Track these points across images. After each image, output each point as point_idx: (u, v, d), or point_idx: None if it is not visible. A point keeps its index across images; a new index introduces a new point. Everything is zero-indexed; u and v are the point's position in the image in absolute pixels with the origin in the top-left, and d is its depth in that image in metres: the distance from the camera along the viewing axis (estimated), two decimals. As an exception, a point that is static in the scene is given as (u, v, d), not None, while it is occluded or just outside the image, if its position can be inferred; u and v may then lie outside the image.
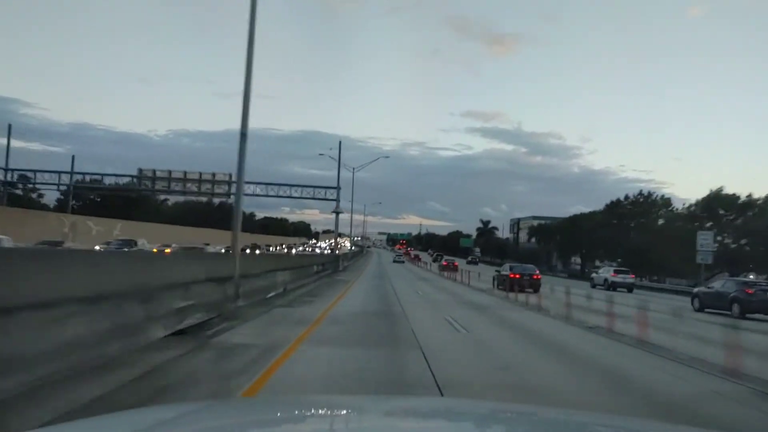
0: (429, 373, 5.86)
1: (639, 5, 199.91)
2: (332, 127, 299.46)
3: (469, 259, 73.27)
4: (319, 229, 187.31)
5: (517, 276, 21.76)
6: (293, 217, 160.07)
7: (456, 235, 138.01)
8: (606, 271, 34.50)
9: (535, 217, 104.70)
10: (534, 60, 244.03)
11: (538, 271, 24.96)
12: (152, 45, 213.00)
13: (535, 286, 20.93)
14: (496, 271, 27.48)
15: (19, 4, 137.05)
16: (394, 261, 65.26)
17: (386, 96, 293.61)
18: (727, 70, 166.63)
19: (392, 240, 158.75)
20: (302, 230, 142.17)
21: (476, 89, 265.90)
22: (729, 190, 44.45)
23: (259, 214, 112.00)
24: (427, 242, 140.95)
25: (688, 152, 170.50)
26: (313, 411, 1.96)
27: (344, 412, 1.98)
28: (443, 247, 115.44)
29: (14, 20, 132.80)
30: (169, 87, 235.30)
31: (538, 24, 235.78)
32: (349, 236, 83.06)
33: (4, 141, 44.66)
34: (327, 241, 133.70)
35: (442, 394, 4.96)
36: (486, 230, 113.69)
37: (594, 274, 36.33)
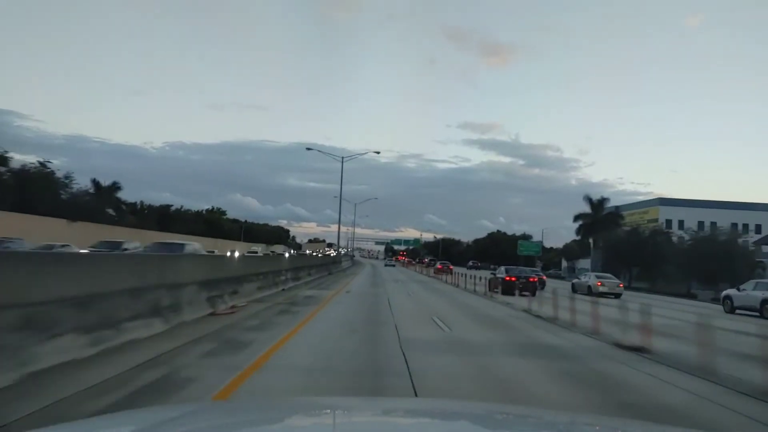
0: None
1: (636, 16, 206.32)
2: (329, 138, 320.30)
3: (470, 264, 79.06)
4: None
5: (513, 278, 23.83)
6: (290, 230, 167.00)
7: (501, 238, 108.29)
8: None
9: (662, 200, 69.09)
10: (531, 71, 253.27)
11: (535, 275, 28.21)
12: (145, 56, 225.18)
13: (531, 289, 21.55)
14: (492, 273, 29.09)
15: (14, 16, 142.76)
16: (386, 265, 77.91)
17: (382, 107, 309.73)
18: (725, 80, 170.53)
19: (392, 251, 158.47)
20: (278, 237, 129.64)
21: (473, 100, 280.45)
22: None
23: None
24: (444, 250, 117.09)
25: (686, 165, 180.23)
26: (307, 413, 2.13)
27: (333, 413, 2.15)
28: (481, 256, 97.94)
29: (8, 32, 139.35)
30: (163, 98, 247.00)
31: (534, 34, 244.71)
32: (341, 246, 78.44)
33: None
34: (315, 250, 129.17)
35: None
36: (601, 218, 61.77)
37: (732, 291, 23.42)
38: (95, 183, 55.42)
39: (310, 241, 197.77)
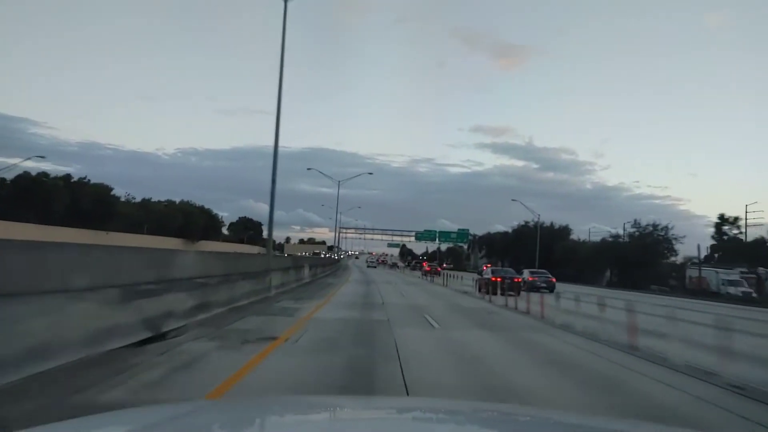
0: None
1: (653, 16, 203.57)
2: (340, 144, 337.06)
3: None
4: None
5: (498, 279, 26.72)
6: (302, 235, 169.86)
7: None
8: None
9: None
10: (544, 73, 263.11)
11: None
12: (156, 63, 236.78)
13: (516, 289, 24.29)
14: (478, 274, 34.32)
15: (27, 23, 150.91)
16: (368, 266, 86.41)
17: (393, 111, 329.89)
18: (746, 82, 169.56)
19: (410, 254, 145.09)
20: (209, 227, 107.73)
21: (485, 103, 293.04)
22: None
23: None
24: (545, 248, 67.71)
25: (704, 167, 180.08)
26: (301, 412, 2.24)
27: (327, 413, 2.30)
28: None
29: (22, 39, 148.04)
30: (174, 105, 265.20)
31: (548, 36, 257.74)
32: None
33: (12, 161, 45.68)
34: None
35: None
36: None
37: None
38: None
39: (302, 241, 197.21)
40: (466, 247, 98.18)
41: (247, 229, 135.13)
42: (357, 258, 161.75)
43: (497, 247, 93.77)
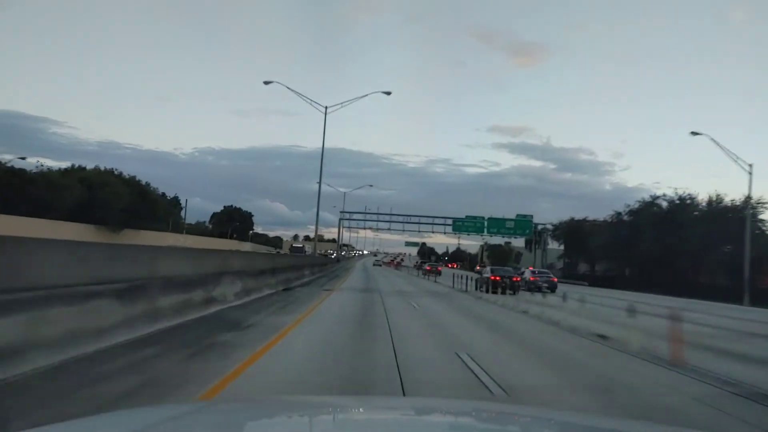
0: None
1: (673, 13, 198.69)
2: (356, 143, 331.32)
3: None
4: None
5: (497, 278, 28.00)
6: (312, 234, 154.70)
7: None
8: None
9: None
10: (563, 72, 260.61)
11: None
12: (173, 63, 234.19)
13: (514, 288, 26.30)
14: (477, 273, 37.15)
15: (47, 25, 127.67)
16: (374, 264, 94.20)
17: (409, 111, 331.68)
18: (767, 83, 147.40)
19: (432, 253, 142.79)
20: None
21: (502, 103, 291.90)
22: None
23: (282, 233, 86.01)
24: (635, 237, 42.61)
25: (726, 169, 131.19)
26: (297, 412, 2.28)
27: (323, 413, 2.33)
28: None
29: (44, 40, 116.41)
30: (191, 105, 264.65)
31: (566, 34, 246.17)
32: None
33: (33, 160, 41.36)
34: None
35: None
36: None
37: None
38: None
39: (307, 238, 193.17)
40: (524, 242, 69.91)
41: (232, 221, 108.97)
42: (375, 256, 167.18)
43: (587, 241, 61.97)
